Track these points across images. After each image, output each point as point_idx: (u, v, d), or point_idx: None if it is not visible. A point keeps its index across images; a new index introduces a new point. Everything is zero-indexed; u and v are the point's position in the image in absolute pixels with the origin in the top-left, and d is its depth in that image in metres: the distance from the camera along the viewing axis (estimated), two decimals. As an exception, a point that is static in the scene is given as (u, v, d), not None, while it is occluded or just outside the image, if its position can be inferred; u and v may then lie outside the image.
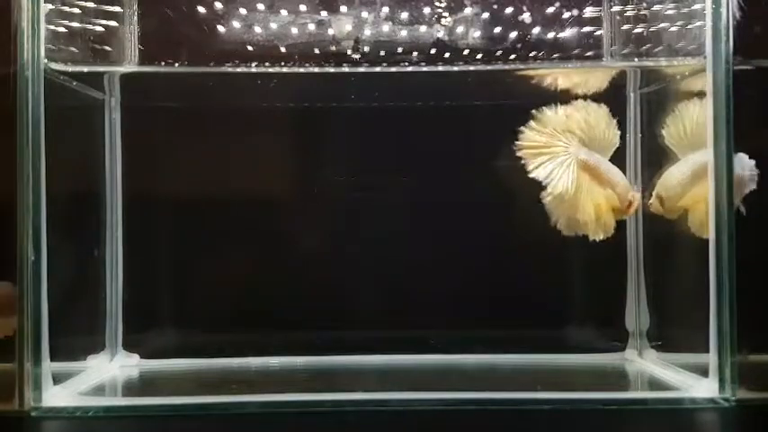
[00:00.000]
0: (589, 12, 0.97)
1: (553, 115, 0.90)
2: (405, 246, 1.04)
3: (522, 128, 0.90)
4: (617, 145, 0.92)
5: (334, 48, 0.96)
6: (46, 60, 0.80)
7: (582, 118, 0.90)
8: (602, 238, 0.91)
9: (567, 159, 0.89)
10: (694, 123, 0.87)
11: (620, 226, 0.93)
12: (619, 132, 0.92)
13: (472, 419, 0.76)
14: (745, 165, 0.82)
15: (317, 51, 0.96)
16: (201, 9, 0.96)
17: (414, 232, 1.04)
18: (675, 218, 0.89)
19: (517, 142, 0.90)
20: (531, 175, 0.89)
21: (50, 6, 0.83)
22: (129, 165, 1.02)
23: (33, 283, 0.78)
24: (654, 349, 1.00)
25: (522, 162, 0.91)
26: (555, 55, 0.96)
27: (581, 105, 0.91)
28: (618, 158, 0.93)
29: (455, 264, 1.04)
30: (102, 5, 0.94)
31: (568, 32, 0.96)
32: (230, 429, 0.76)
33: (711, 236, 0.80)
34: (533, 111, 0.90)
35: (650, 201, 0.90)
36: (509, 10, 0.96)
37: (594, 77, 0.98)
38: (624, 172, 0.95)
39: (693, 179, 0.86)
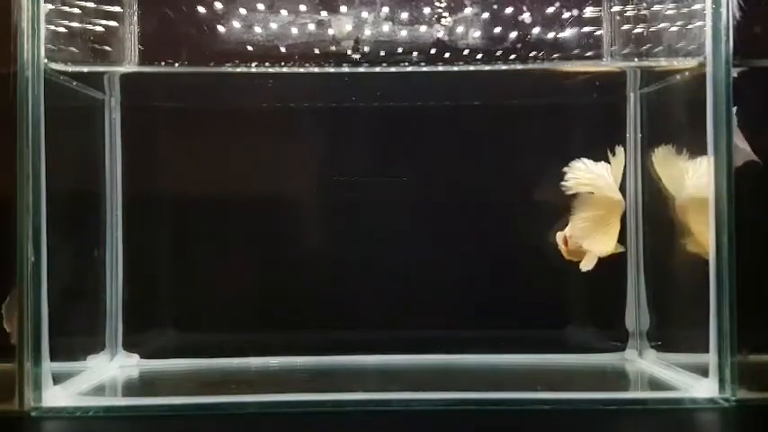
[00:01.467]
0: (589, 12, 0.97)
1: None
2: (405, 246, 1.03)
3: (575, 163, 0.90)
4: None
5: (334, 48, 0.96)
6: (46, 60, 0.80)
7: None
8: (574, 262, 0.91)
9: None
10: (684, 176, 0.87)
11: (622, 232, 0.93)
12: None
13: (472, 419, 0.76)
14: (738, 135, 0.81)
15: (317, 51, 0.96)
16: (201, 9, 0.96)
17: (414, 232, 1.04)
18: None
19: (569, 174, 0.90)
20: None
21: (50, 6, 0.83)
22: (129, 165, 1.02)
23: (33, 284, 0.78)
24: (654, 349, 1.00)
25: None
26: (555, 55, 0.96)
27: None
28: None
29: (455, 264, 1.04)
30: (102, 5, 0.94)
31: (568, 32, 0.96)
32: (230, 429, 0.75)
33: (711, 236, 0.80)
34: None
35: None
36: (509, 10, 0.96)
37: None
38: (624, 171, 0.95)
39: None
